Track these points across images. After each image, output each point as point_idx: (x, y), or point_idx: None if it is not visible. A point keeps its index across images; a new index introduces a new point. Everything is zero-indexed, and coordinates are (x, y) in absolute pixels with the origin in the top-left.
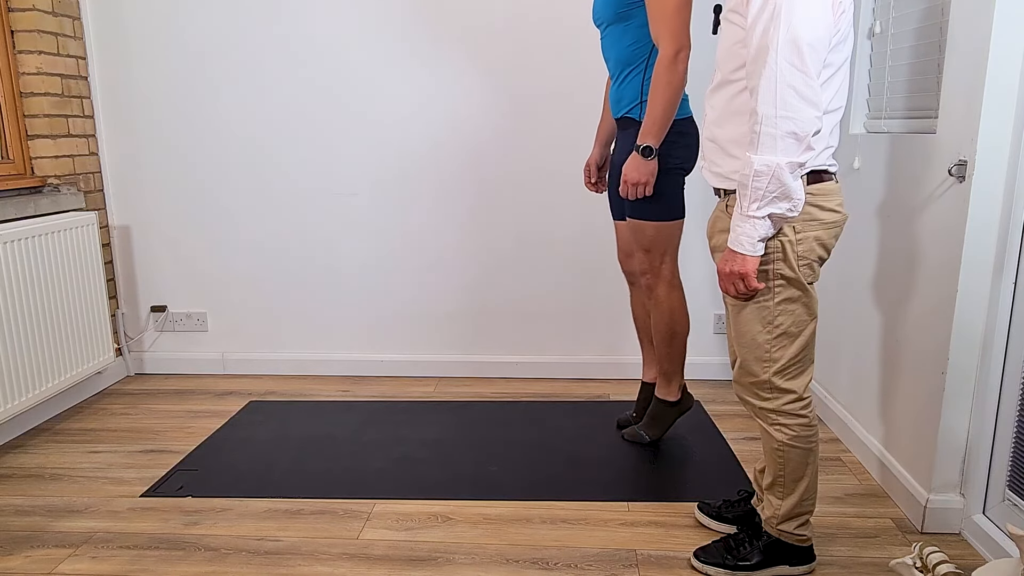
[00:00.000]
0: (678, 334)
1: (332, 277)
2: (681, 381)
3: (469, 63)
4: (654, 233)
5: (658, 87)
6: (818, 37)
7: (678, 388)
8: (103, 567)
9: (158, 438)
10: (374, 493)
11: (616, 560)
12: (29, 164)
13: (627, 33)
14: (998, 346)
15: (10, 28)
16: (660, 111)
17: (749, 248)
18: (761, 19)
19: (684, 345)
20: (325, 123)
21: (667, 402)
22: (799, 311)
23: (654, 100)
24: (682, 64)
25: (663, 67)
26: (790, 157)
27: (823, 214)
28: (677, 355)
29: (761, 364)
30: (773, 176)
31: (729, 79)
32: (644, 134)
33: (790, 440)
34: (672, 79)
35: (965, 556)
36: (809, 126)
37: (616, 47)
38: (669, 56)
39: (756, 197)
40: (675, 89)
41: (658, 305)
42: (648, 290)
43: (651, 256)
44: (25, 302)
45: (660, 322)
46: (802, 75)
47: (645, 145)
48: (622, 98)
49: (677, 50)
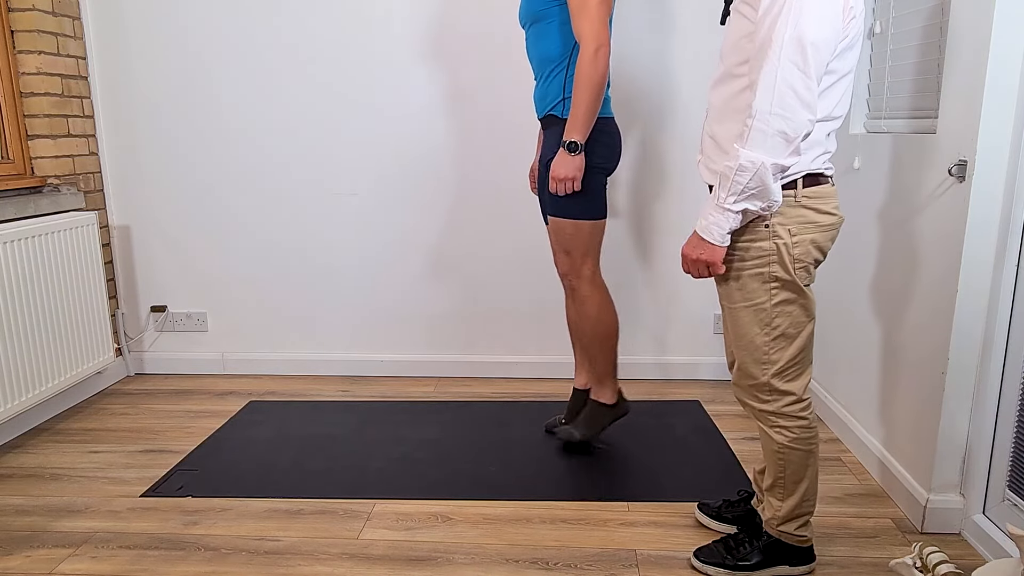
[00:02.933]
0: (606, 335)
1: (332, 277)
2: (616, 384)
3: (469, 63)
4: (573, 232)
5: (581, 83)
6: (823, 38)
7: (613, 391)
8: (103, 567)
9: (158, 438)
10: (374, 493)
11: (616, 560)
12: (29, 164)
13: (548, 32)
14: (998, 346)
15: (10, 28)
16: (584, 106)
17: (719, 239)
18: (771, 13)
19: (614, 346)
20: (325, 123)
21: (603, 404)
22: (796, 313)
23: (578, 96)
24: (603, 60)
25: (585, 63)
26: (776, 158)
27: (819, 217)
28: (608, 356)
29: (760, 366)
30: (756, 174)
31: (733, 73)
32: (569, 129)
33: (790, 442)
34: (594, 75)
35: (965, 556)
36: (801, 128)
37: (538, 47)
38: (590, 52)
39: (735, 191)
40: (597, 85)
41: (582, 307)
42: (571, 292)
43: (572, 257)
44: (25, 302)
45: (586, 324)
46: (802, 75)
47: (571, 140)
48: (545, 96)
49: (597, 46)
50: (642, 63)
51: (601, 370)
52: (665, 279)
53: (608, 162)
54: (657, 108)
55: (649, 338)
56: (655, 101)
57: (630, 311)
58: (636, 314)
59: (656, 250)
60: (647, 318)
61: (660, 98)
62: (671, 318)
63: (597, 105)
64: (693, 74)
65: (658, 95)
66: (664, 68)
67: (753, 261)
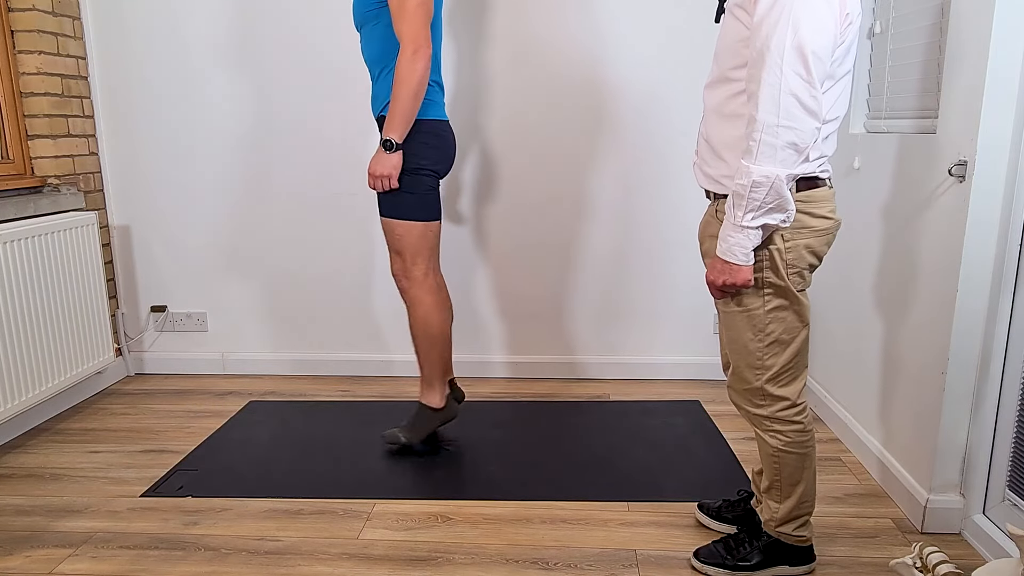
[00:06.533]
0: (434, 338)
1: (332, 277)
2: (444, 388)
3: (468, 63)
4: (403, 233)
5: (398, 83)
6: (823, 46)
7: (441, 395)
8: (103, 567)
9: (158, 438)
10: (374, 493)
11: (616, 560)
12: (29, 164)
13: (376, 34)
14: (998, 346)
15: (10, 28)
16: (401, 106)
17: (743, 259)
18: (767, 20)
19: (442, 351)
20: (324, 122)
21: (430, 408)
22: (790, 319)
23: (395, 96)
24: (421, 62)
25: (402, 64)
26: (788, 168)
27: (814, 221)
28: (436, 360)
29: (753, 371)
30: (772, 188)
31: (727, 76)
32: (386, 128)
33: (784, 446)
34: (411, 76)
35: (965, 556)
36: (809, 137)
37: (369, 47)
38: (407, 54)
39: (752, 207)
40: (414, 86)
41: (412, 309)
42: (402, 293)
43: (403, 259)
44: (25, 302)
45: (415, 326)
46: (806, 84)
47: (386, 139)
48: (377, 97)
49: (415, 48)
50: (642, 56)
51: (428, 373)
52: (664, 279)
53: (437, 164)
54: (663, 106)
55: (649, 338)
56: (654, 97)
57: (630, 311)
58: (636, 314)
59: (655, 250)
60: (647, 318)
61: (658, 95)
62: (671, 318)
63: (415, 105)
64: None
65: (652, 90)
66: (658, 61)
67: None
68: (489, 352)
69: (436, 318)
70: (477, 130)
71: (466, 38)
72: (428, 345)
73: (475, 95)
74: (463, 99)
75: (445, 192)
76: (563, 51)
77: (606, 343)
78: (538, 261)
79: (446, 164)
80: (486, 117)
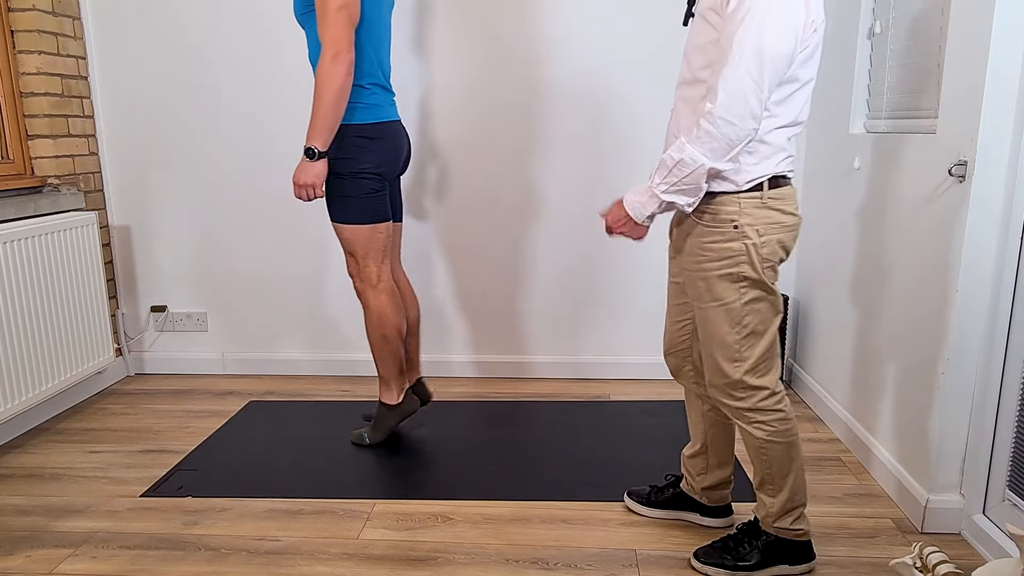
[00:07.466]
0: (388, 338)
1: (332, 277)
2: (401, 384)
3: (468, 63)
4: (351, 236)
5: (317, 89)
6: (782, 52)
7: (398, 392)
8: (103, 567)
9: (158, 438)
10: (374, 493)
11: (616, 560)
12: (29, 164)
13: (312, 37)
14: (998, 346)
15: (10, 28)
16: (321, 112)
17: (640, 219)
18: (734, 19)
19: (397, 348)
20: None
21: (388, 406)
22: (765, 309)
23: (315, 102)
24: (341, 67)
25: (322, 70)
26: (715, 161)
27: (784, 217)
28: (390, 358)
29: (732, 364)
30: (694, 172)
31: (698, 77)
32: (308, 135)
33: (770, 436)
34: (331, 82)
35: (965, 556)
36: (744, 137)
37: (309, 49)
38: (327, 60)
39: (670, 181)
40: (334, 92)
41: (366, 309)
42: (358, 294)
43: (355, 260)
44: (25, 302)
45: (369, 326)
46: (756, 87)
47: (308, 147)
48: None
49: (335, 53)
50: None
51: (383, 372)
52: (663, 279)
53: (380, 167)
54: (641, 106)
55: (648, 338)
56: (636, 97)
57: (630, 311)
58: (635, 314)
59: (654, 250)
60: (646, 318)
61: (651, 92)
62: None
63: (337, 111)
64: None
65: (648, 88)
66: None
67: (723, 262)
68: (489, 352)
69: (389, 318)
70: (476, 130)
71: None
72: (381, 343)
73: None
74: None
75: (443, 192)
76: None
77: (606, 343)
78: (539, 261)
79: (391, 165)
80: (465, 114)
